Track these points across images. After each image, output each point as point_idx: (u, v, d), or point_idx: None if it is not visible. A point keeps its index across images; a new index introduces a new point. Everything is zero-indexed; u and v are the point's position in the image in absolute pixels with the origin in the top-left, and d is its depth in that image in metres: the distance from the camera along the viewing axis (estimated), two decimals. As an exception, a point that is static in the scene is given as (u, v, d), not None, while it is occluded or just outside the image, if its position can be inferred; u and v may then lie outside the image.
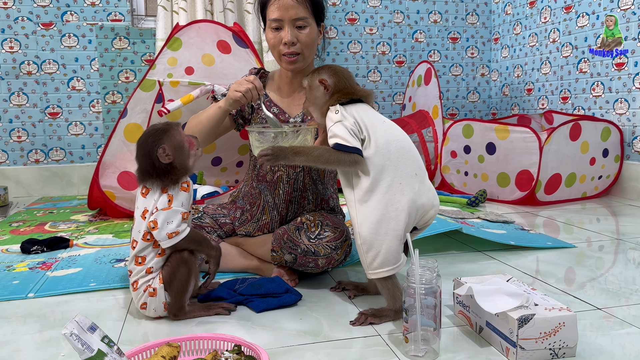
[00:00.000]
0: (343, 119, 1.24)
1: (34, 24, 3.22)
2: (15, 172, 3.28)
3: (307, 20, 1.53)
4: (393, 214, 1.21)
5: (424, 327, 1.05)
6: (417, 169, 1.26)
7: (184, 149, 1.27)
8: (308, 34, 1.54)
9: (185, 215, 1.25)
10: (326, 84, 1.31)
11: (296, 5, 1.51)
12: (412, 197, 1.22)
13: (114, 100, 3.36)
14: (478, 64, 3.98)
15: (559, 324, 1.03)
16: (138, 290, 1.27)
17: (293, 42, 1.52)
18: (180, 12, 3.17)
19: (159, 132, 1.25)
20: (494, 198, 2.79)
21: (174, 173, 1.25)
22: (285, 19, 1.52)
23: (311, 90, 1.34)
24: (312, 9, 1.54)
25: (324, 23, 1.63)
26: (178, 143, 1.26)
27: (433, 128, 3.12)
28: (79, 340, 0.86)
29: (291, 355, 1.09)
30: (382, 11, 3.76)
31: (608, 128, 2.77)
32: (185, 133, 1.31)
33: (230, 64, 2.49)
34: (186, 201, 1.27)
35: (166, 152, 1.23)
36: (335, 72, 1.32)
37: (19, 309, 1.39)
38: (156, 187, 1.26)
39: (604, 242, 1.94)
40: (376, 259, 1.20)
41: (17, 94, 3.25)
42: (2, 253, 1.92)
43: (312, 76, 1.35)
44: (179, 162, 1.26)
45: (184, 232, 1.25)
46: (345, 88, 1.31)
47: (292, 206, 1.63)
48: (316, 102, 1.33)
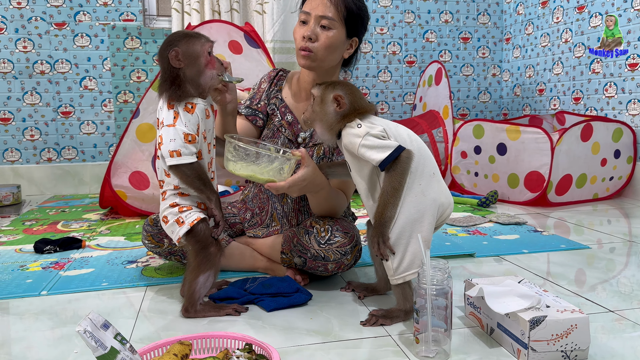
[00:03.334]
0: (370, 129, 1.19)
1: (47, 23, 3.25)
2: (28, 170, 3.31)
3: (333, 23, 1.46)
4: (416, 215, 1.19)
5: (434, 328, 1.05)
6: (434, 169, 1.25)
7: (197, 62, 1.21)
8: (330, 36, 1.47)
9: (189, 137, 1.20)
10: (342, 101, 1.23)
11: (328, 4, 1.46)
12: (433, 197, 1.22)
13: (125, 100, 3.39)
14: (489, 64, 3.96)
15: (571, 326, 1.03)
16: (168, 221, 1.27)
17: (311, 38, 1.47)
18: (192, 13, 3.18)
19: (181, 36, 1.22)
20: (505, 199, 2.78)
21: (182, 84, 1.20)
22: (312, 14, 1.47)
23: (322, 104, 1.26)
24: (344, 14, 1.47)
25: (357, 38, 1.54)
26: (193, 52, 1.20)
27: (443, 128, 3.11)
28: (92, 338, 0.87)
29: (301, 355, 1.10)
30: (392, 11, 3.75)
31: (620, 129, 2.75)
32: (215, 55, 1.24)
33: (241, 64, 2.50)
34: (190, 123, 1.20)
35: (178, 56, 1.19)
36: (353, 92, 1.26)
37: (32, 306, 1.41)
38: (164, 97, 1.22)
39: (615, 244, 1.92)
40: (402, 263, 1.19)
41: (30, 93, 3.28)
42: (15, 253, 1.94)
43: (326, 89, 1.27)
44: (189, 73, 1.21)
45: (188, 157, 1.19)
46: (362, 108, 1.25)
47: (302, 216, 1.62)
48: (325, 117, 1.26)
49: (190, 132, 1.20)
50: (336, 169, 1.41)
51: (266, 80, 1.69)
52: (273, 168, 1.25)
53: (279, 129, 1.61)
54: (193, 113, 1.20)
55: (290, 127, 1.60)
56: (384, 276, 1.38)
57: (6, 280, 1.61)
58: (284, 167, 1.26)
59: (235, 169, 1.26)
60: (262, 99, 1.65)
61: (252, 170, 1.25)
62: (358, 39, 1.55)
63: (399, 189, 1.18)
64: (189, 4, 3.20)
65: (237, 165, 1.25)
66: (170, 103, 1.21)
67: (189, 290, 1.28)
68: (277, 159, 1.25)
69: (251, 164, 1.24)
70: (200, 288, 1.28)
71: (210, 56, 1.24)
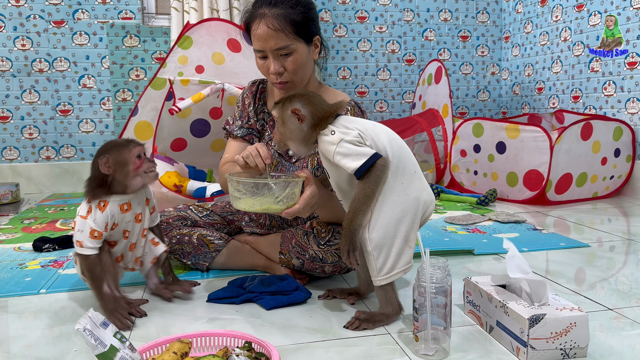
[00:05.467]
0: (345, 135, 1.16)
1: (46, 21, 3.25)
2: (26, 168, 3.31)
3: (290, 47, 1.41)
4: (400, 215, 1.17)
5: (434, 326, 1.05)
6: (414, 166, 1.22)
7: (125, 168, 1.30)
8: (294, 60, 1.42)
9: (95, 233, 1.28)
10: (300, 114, 1.20)
11: (274, 34, 1.39)
12: (416, 195, 1.19)
13: (124, 98, 3.38)
14: (488, 63, 3.96)
15: (570, 324, 1.03)
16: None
17: (280, 72, 1.43)
18: (190, 12, 3.18)
19: (113, 145, 1.32)
20: (504, 197, 2.78)
21: (110, 185, 1.31)
22: (266, 49, 1.41)
23: (284, 123, 1.23)
24: (295, 31, 1.41)
25: (318, 36, 1.50)
26: (122, 160, 1.30)
27: (443, 127, 3.11)
28: (92, 336, 0.87)
29: (301, 353, 1.10)
30: (392, 9, 3.75)
31: (620, 128, 2.75)
32: (145, 156, 1.34)
33: (240, 63, 2.50)
34: (99, 220, 1.29)
35: (107, 163, 1.29)
36: (310, 100, 1.21)
37: (31, 304, 1.41)
38: (87, 192, 1.32)
39: (614, 243, 1.93)
40: (386, 264, 1.17)
41: (29, 91, 3.28)
42: (14, 251, 1.94)
43: (282, 106, 1.23)
44: (118, 177, 1.30)
45: (87, 250, 1.29)
46: (324, 112, 1.21)
47: (301, 220, 1.61)
48: (292, 134, 1.23)
49: (97, 228, 1.29)
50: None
51: (248, 95, 1.64)
52: (286, 195, 1.24)
53: (268, 143, 1.59)
54: (104, 211, 1.30)
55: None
56: (366, 279, 1.35)
57: (5, 279, 1.61)
58: (295, 190, 1.25)
59: (247, 206, 1.24)
60: (250, 116, 1.62)
61: (267, 202, 1.23)
62: (318, 36, 1.50)
63: (371, 197, 1.15)
64: (187, 3, 3.20)
65: (249, 202, 1.23)
66: (88, 198, 1.32)
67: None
68: (289, 185, 1.23)
69: (264, 197, 1.23)
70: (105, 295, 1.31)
71: (139, 159, 1.32)
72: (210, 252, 1.60)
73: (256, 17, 1.42)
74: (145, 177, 1.33)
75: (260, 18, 1.41)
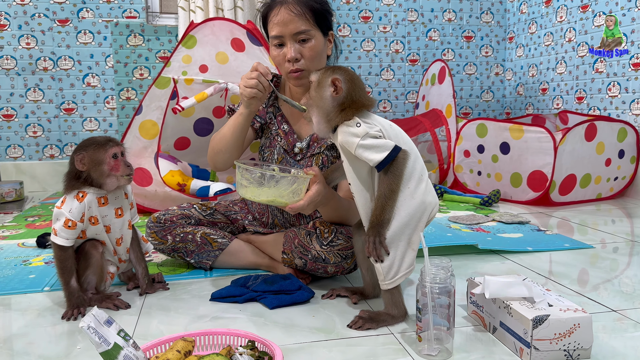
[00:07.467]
0: (369, 129, 1.16)
1: (50, 20, 3.25)
2: (30, 167, 3.32)
3: (309, 33, 1.43)
4: (406, 219, 1.17)
5: (437, 326, 1.05)
6: (422, 169, 1.23)
7: (100, 167, 1.31)
8: (312, 47, 1.44)
9: (69, 222, 1.29)
10: (338, 85, 1.19)
11: (295, 18, 1.41)
12: (421, 199, 1.19)
13: (128, 97, 3.39)
14: (492, 63, 3.96)
15: (574, 325, 1.02)
16: None
17: (297, 59, 1.43)
18: (197, 11, 3.19)
19: (91, 142, 1.33)
20: (508, 198, 2.78)
21: (85, 181, 1.32)
22: (285, 35, 1.42)
23: (319, 88, 1.22)
24: (314, 19, 1.44)
25: (332, 31, 1.53)
26: (97, 159, 1.31)
27: (446, 127, 3.11)
28: (96, 334, 0.87)
29: (304, 352, 1.10)
30: (395, 9, 3.75)
31: (624, 129, 2.74)
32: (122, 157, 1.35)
33: (243, 62, 2.50)
34: (76, 211, 1.30)
35: (83, 161, 1.30)
36: (352, 79, 1.21)
37: (35, 302, 1.41)
38: (64, 184, 1.34)
39: (618, 244, 1.92)
40: (392, 268, 1.17)
41: (33, 89, 3.29)
42: (18, 247, 1.94)
43: (324, 73, 1.23)
44: (92, 174, 1.32)
45: (61, 240, 1.30)
46: (360, 100, 1.21)
47: (303, 220, 1.61)
48: (321, 102, 1.21)
49: (72, 218, 1.30)
50: (335, 173, 1.38)
51: None
52: (293, 189, 1.24)
53: (275, 138, 1.60)
54: (82, 202, 1.31)
55: (286, 137, 1.58)
56: (372, 281, 1.36)
57: (9, 276, 1.61)
58: (301, 187, 1.26)
59: (253, 195, 1.24)
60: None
61: (273, 194, 1.24)
62: (333, 32, 1.54)
63: (396, 191, 1.16)
64: (193, 2, 3.20)
65: (255, 192, 1.24)
66: (64, 190, 1.35)
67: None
68: (297, 180, 1.24)
69: (270, 189, 1.23)
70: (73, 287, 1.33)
71: (115, 160, 1.33)
72: (213, 250, 1.60)
73: (276, 5, 1.45)
74: (120, 180, 1.34)
75: (281, 5, 1.44)
